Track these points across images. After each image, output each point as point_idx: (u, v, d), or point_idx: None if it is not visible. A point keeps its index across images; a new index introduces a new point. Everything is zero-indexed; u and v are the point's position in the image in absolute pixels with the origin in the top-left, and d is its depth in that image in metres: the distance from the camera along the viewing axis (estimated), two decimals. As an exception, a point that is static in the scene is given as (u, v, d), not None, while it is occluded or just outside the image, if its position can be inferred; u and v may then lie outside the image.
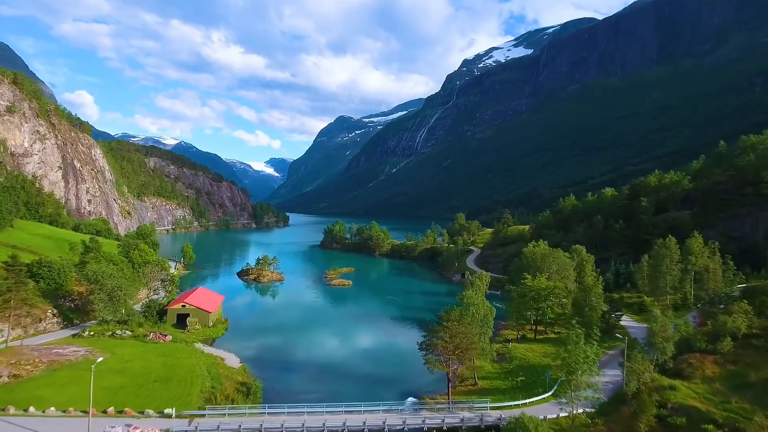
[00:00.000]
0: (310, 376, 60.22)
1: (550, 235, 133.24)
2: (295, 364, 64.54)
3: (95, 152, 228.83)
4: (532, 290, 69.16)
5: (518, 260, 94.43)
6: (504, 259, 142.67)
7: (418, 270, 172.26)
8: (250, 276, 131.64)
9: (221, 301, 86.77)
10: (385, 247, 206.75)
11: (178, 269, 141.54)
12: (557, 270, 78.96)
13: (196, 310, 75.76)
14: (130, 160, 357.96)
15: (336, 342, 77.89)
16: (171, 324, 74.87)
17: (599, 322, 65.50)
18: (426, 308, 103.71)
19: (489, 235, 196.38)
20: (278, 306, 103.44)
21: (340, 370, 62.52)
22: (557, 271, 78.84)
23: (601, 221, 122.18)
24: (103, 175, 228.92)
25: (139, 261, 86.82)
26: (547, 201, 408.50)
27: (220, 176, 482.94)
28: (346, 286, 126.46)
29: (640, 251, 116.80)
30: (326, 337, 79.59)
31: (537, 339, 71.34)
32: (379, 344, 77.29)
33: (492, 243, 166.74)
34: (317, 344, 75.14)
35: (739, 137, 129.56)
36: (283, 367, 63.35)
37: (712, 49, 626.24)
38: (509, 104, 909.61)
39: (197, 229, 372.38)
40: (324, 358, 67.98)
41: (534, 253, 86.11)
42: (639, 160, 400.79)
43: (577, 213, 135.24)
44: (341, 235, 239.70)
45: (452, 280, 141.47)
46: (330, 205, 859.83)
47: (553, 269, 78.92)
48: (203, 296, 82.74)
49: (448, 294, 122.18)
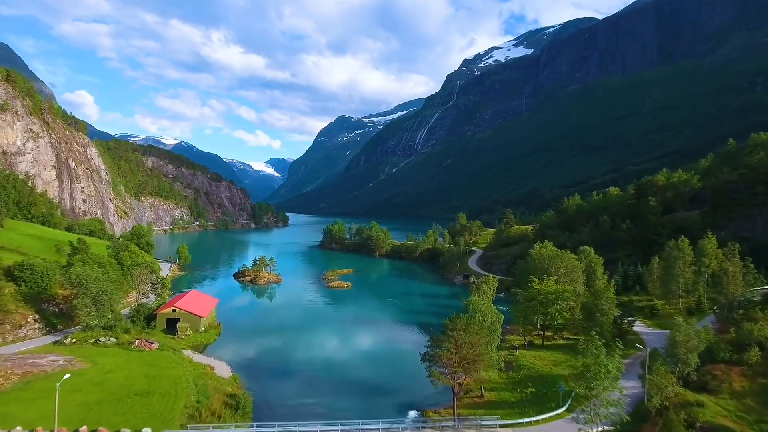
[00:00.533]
0: (305, 385, 56.51)
1: (554, 236, 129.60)
2: (290, 373, 60.84)
3: (90, 151, 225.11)
4: (539, 294, 65.47)
5: (524, 262, 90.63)
6: (507, 261, 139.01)
7: (419, 271, 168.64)
8: (247, 278, 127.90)
9: (215, 304, 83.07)
10: (385, 248, 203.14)
11: (172, 270, 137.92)
12: (565, 272, 75.20)
13: (186, 314, 72.05)
14: (128, 160, 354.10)
15: (333, 348, 74.25)
16: (160, 329, 71.18)
17: (611, 328, 61.95)
18: (427, 311, 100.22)
19: (491, 235, 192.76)
20: (274, 309, 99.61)
21: (338, 379, 58.84)
22: (565, 274, 75.09)
23: (608, 221, 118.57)
24: (98, 174, 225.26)
25: (128, 263, 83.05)
26: (547, 201, 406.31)
27: (219, 176, 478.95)
28: (345, 288, 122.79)
29: (647, 252, 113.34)
30: (323, 343, 75.87)
31: (545, 345, 67.70)
32: (379, 350, 73.59)
33: (494, 244, 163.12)
34: (314, 350, 71.44)
35: (741, 136, 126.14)
36: (277, 375, 59.65)
37: (712, 49, 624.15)
38: (509, 104, 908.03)
39: (196, 229, 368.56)
40: (321, 365, 64.31)
41: (541, 254, 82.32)
42: (640, 160, 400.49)
43: (582, 213, 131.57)
44: (341, 236, 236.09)
45: (454, 281, 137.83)
46: (330, 205, 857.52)
47: (561, 272, 75.19)
48: (195, 300, 79.01)
49: (450, 296, 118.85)
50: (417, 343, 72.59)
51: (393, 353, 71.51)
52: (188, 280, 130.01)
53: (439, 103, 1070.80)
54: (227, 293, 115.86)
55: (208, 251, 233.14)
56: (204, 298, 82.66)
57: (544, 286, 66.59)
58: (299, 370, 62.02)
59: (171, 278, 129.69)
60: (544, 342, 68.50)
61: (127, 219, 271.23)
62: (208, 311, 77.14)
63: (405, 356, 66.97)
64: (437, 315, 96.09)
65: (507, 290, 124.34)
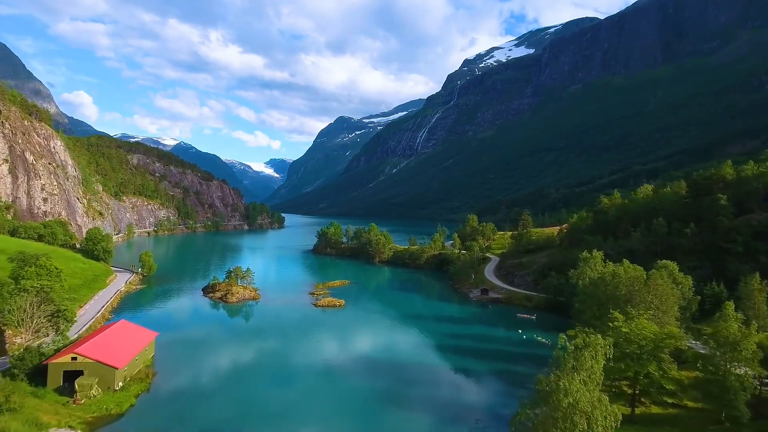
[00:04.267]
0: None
1: (592, 242, 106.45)
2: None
3: (55, 144, 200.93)
4: (630, 341, 41.92)
5: (584, 286, 66.02)
6: (534, 271, 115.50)
7: (426, 282, 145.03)
8: (217, 293, 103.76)
9: (149, 342, 59.25)
10: (386, 254, 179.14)
11: (129, 283, 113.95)
12: (656, 304, 51.12)
13: (93, 364, 48.19)
14: (109, 157, 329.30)
15: (318, 417, 49.75)
16: (53, 387, 47.40)
17: (747, 399, 38.60)
18: (445, 346, 76.19)
19: (506, 239, 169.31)
20: (240, 342, 73.56)
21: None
22: (657, 306, 51.06)
23: (664, 225, 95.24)
24: (64, 170, 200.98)
25: (33, 284, 58.73)
26: (553, 201, 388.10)
27: (211, 174, 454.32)
28: (337, 306, 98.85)
29: (719, 264, 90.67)
30: (301, 409, 50.42)
31: (635, 416, 44.08)
32: (378, 419, 49.53)
33: (514, 250, 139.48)
34: (285, 422, 47.20)
35: (753, 135, 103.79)
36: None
37: (718, 47, 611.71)
38: (511, 104, 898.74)
39: (183, 231, 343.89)
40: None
41: (618, 276, 56.66)
42: (647, 159, 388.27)
43: (627, 214, 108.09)
44: (336, 239, 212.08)
45: (470, 297, 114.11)
46: (329, 206, 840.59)
47: (652, 303, 51.12)
48: (115, 338, 55.05)
49: (469, 320, 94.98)
50: (434, 404, 49.37)
51: (404, 422, 47.69)
52: (146, 296, 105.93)
53: (440, 103, 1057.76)
54: (187, 316, 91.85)
55: (186, 257, 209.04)
56: (133, 334, 58.61)
57: (636, 327, 42.97)
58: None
59: (125, 293, 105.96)
60: (634, 410, 44.85)
61: (102, 220, 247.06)
62: (133, 355, 53.27)
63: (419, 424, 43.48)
64: (460, 353, 72.11)
65: (538, 309, 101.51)
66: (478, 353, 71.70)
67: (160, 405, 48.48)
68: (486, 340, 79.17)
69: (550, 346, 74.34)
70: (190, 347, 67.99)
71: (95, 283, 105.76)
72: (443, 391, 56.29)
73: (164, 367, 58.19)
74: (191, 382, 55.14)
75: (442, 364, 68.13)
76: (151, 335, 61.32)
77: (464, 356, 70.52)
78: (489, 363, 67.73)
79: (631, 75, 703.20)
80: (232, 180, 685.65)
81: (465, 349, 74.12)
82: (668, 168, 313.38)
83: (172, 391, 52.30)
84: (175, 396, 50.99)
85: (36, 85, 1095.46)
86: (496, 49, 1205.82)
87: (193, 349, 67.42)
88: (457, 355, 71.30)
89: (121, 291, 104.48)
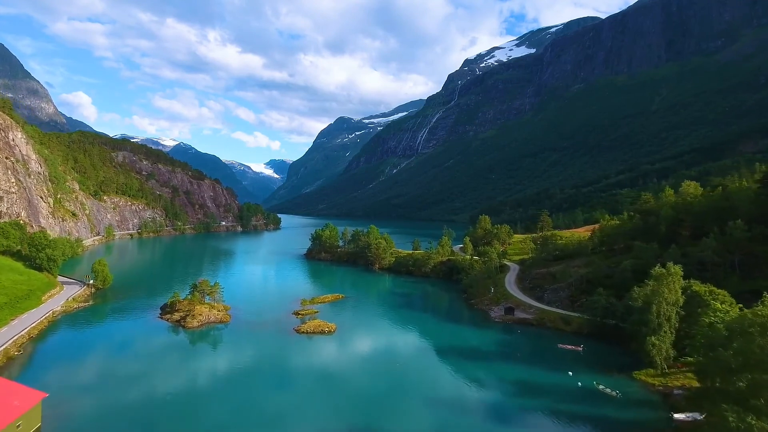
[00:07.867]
0: None
1: (644, 250, 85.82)
2: None
3: (15, 136, 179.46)
4: None
5: (713, 334, 41.99)
6: (570, 285, 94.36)
7: (433, 294, 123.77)
8: (175, 315, 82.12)
9: (29, 407, 38.15)
10: (387, 259, 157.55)
11: (72, 300, 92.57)
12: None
13: None
14: (90, 153, 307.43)
15: None
16: None
17: None
18: (466, 400, 53.96)
19: (525, 243, 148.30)
20: (187, 400, 50.41)
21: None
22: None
23: (743, 228, 74.54)
24: (25, 166, 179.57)
25: None
26: (559, 202, 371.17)
27: (201, 173, 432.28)
28: (326, 333, 77.30)
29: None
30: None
31: None
32: None
33: (539, 258, 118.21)
34: None
35: (763, 134, 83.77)
36: None
37: (723, 46, 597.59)
38: (512, 104, 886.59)
39: (170, 233, 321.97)
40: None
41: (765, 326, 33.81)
42: (654, 159, 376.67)
43: (689, 215, 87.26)
44: (332, 243, 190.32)
45: (491, 316, 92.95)
46: (329, 207, 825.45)
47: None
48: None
49: (497, 354, 71.64)
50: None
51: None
52: (86, 319, 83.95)
53: (441, 103, 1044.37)
54: (121, 353, 68.52)
55: (161, 263, 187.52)
56: (4, 398, 37.48)
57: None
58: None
59: (60, 314, 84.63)
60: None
61: (76, 222, 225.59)
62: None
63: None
64: (490, 412, 48.72)
65: (579, 335, 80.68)
66: (516, 411, 50.95)
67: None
68: (526, 389, 57.40)
69: (619, 400, 53.62)
70: (104, 411, 46.10)
71: (25, 302, 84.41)
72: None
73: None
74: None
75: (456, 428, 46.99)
76: (34, 398, 40.15)
77: (498, 418, 49.47)
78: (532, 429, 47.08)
79: (634, 74, 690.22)
80: (232, 181, 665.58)
81: (497, 406, 53.05)
82: (679, 167, 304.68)
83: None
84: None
85: (34, 85, 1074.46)
86: (496, 48, 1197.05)
87: (105, 414, 45.48)
88: (489, 417, 50.13)
89: (55, 312, 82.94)
